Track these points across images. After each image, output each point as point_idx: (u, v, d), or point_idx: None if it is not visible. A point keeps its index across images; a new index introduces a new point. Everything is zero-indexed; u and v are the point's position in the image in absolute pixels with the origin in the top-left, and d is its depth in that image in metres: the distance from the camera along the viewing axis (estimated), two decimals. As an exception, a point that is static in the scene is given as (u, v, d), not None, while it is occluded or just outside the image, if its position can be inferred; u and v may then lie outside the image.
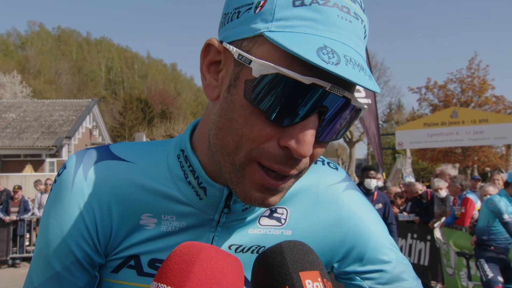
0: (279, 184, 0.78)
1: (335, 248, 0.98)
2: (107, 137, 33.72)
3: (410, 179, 13.50)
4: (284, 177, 0.78)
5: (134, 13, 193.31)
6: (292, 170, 0.77)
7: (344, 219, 0.98)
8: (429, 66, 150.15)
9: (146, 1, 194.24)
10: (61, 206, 0.90)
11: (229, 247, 0.93)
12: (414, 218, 8.86)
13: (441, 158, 27.97)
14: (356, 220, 0.99)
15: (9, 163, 23.32)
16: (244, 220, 0.93)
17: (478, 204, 7.17)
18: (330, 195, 0.99)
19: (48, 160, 23.82)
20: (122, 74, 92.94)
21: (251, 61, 0.71)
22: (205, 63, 0.83)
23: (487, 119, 16.21)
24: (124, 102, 59.79)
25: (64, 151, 24.94)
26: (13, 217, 10.80)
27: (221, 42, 0.79)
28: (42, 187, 11.86)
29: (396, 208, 9.40)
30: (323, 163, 1.04)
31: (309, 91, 0.69)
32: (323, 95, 0.70)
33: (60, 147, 24.07)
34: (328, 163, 1.06)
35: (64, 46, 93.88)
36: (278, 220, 0.95)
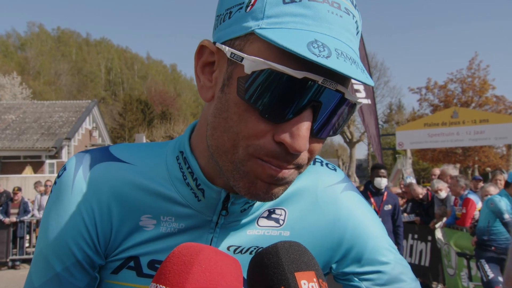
0: (283, 172, 0.77)
1: (334, 249, 0.97)
2: (107, 138, 33.76)
3: (411, 180, 13.49)
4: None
5: (134, 14, 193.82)
6: (290, 165, 0.76)
7: (343, 220, 0.98)
8: (429, 67, 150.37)
9: (146, 2, 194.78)
10: (61, 208, 0.90)
11: (228, 248, 0.92)
12: (415, 219, 8.86)
13: (442, 159, 28.01)
14: (355, 221, 0.99)
15: (9, 165, 23.35)
16: (243, 222, 0.93)
17: (479, 205, 7.18)
18: (329, 196, 0.99)
19: (48, 162, 23.86)
20: (122, 75, 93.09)
21: (243, 59, 0.71)
22: (199, 65, 0.84)
23: (488, 119, 16.20)
24: (124, 103, 59.89)
25: (64, 153, 24.97)
26: (13, 219, 10.82)
27: (215, 43, 0.80)
28: (42, 189, 11.87)
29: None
30: (322, 164, 1.05)
31: (302, 86, 0.69)
32: (316, 90, 0.70)
33: (60, 149, 24.11)
34: (327, 164, 1.06)
35: (64, 47, 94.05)
36: (277, 221, 0.95)
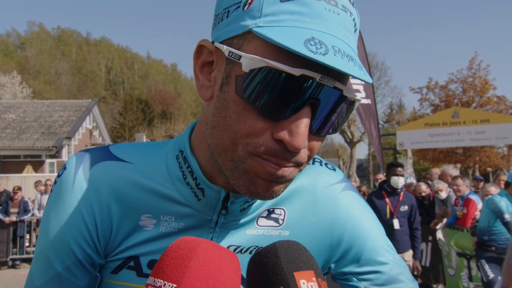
0: (283, 170, 0.77)
1: (333, 249, 0.98)
2: (107, 138, 33.79)
3: (411, 180, 13.48)
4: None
5: (134, 13, 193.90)
6: (290, 163, 0.76)
7: (342, 220, 0.98)
8: (431, 66, 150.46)
9: (146, 1, 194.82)
10: (62, 207, 0.90)
11: (227, 248, 0.92)
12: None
13: (442, 159, 27.99)
14: (354, 221, 0.99)
15: (9, 164, 23.37)
16: (242, 221, 0.93)
17: (480, 205, 7.17)
18: (328, 196, 0.99)
19: (48, 161, 23.88)
20: (122, 75, 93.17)
21: (241, 57, 0.71)
22: (198, 64, 0.84)
23: (489, 119, 16.16)
24: (124, 103, 59.95)
25: (64, 152, 24.99)
26: (13, 218, 10.83)
27: (213, 43, 0.80)
28: (42, 188, 11.88)
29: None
30: (321, 164, 1.05)
31: (300, 83, 0.69)
32: (315, 87, 0.69)
33: (60, 148, 24.13)
34: (326, 164, 1.06)
35: (64, 47, 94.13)
36: (276, 221, 0.95)
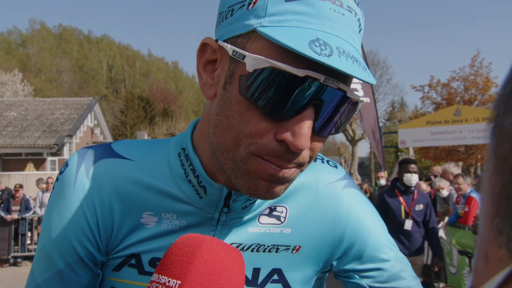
0: (284, 171, 0.77)
1: (334, 246, 0.97)
2: (109, 136, 33.85)
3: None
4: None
5: (135, 11, 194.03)
6: (291, 164, 0.76)
7: (344, 217, 0.98)
8: (432, 64, 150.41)
9: None
10: (64, 204, 0.90)
11: None
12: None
13: (444, 157, 27.98)
14: (355, 218, 0.99)
15: (11, 162, 23.42)
16: (244, 219, 0.93)
17: (482, 203, 7.15)
18: (330, 193, 0.99)
19: (50, 159, 23.92)
20: (124, 72, 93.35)
21: (245, 57, 0.70)
22: (201, 62, 0.84)
23: (490, 117, 16.12)
24: (126, 101, 60.02)
25: (66, 150, 25.03)
26: (15, 216, 10.85)
27: (217, 41, 0.79)
28: (44, 186, 11.91)
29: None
30: (323, 161, 1.04)
31: (304, 84, 0.68)
32: (318, 88, 0.69)
33: (62, 146, 24.17)
34: (328, 161, 1.06)
35: (65, 44, 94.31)
36: (278, 218, 0.95)
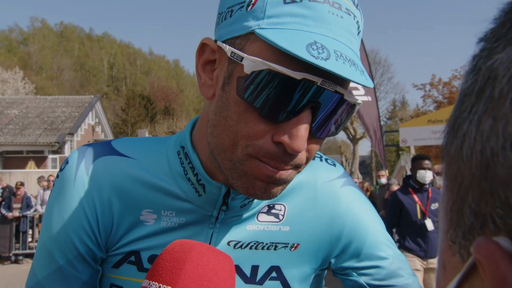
0: (281, 173, 0.77)
1: (333, 244, 0.98)
2: (110, 134, 33.72)
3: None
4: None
5: (137, 9, 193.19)
6: (288, 166, 0.77)
7: (342, 215, 0.99)
8: (434, 63, 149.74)
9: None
10: (64, 201, 0.91)
11: (228, 243, 0.93)
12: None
13: (444, 155, 27.80)
14: (353, 216, 0.99)
15: (12, 160, 23.35)
16: (243, 217, 0.94)
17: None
18: (328, 191, 1.00)
19: (51, 157, 23.82)
20: (125, 71, 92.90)
21: (243, 58, 0.71)
22: (201, 63, 0.84)
23: (491, 116, 16.01)
24: (127, 99, 59.69)
25: (67, 148, 24.94)
26: (16, 214, 10.83)
27: (216, 41, 0.80)
28: (45, 184, 11.88)
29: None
30: (321, 160, 1.05)
31: (301, 87, 0.69)
32: (315, 91, 0.70)
33: (63, 144, 24.06)
34: (326, 160, 1.06)
35: (66, 42, 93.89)
36: (276, 216, 0.96)
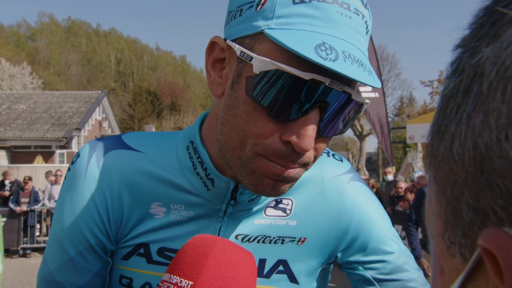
0: (289, 171, 0.79)
1: (339, 238, 0.99)
2: (117, 129, 33.78)
3: (420, 174, 13.35)
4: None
5: (144, 5, 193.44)
6: (296, 164, 0.78)
7: (348, 210, 1.00)
8: (442, 59, 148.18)
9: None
10: (75, 193, 0.93)
11: (236, 237, 0.94)
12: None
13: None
14: (360, 211, 1.00)
15: (20, 154, 23.47)
16: (250, 211, 0.95)
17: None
18: (335, 186, 1.01)
19: (58, 152, 23.93)
20: (132, 66, 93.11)
21: (252, 58, 0.72)
22: (210, 61, 0.85)
23: (499, 113, 15.87)
24: (134, 94, 59.88)
25: (74, 143, 25.03)
26: (24, 208, 10.91)
27: (225, 40, 0.81)
28: (53, 178, 11.94)
29: (407, 204, 9.26)
30: (328, 155, 1.06)
31: (309, 87, 0.70)
32: (323, 91, 0.71)
33: (70, 139, 24.15)
34: (333, 155, 1.07)
35: (74, 38, 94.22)
36: (284, 211, 0.97)
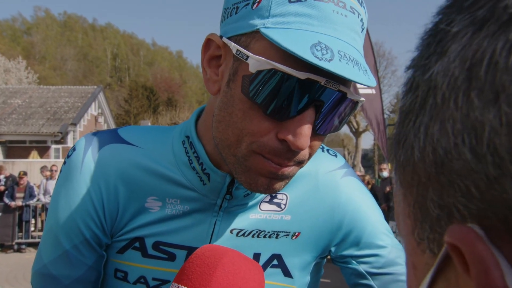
0: (283, 169, 0.79)
1: (333, 233, 1.00)
2: (112, 124, 33.66)
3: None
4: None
5: (140, 0, 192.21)
6: (291, 162, 0.79)
7: (342, 205, 1.00)
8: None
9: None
10: (71, 187, 0.93)
11: (231, 231, 0.95)
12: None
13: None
14: (354, 206, 1.01)
15: (15, 149, 23.37)
16: (245, 206, 0.95)
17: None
18: (329, 181, 1.01)
19: (54, 147, 23.84)
20: (128, 61, 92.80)
21: (248, 57, 0.72)
22: (206, 58, 0.85)
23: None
24: (130, 90, 59.75)
25: (70, 138, 24.95)
26: (19, 203, 10.87)
27: (221, 37, 0.81)
28: (48, 173, 11.89)
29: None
30: (323, 150, 1.06)
31: (305, 86, 0.70)
32: (319, 89, 0.71)
33: (66, 134, 24.06)
34: (328, 150, 1.07)
35: (70, 32, 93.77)
36: (278, 206, 0.97)
